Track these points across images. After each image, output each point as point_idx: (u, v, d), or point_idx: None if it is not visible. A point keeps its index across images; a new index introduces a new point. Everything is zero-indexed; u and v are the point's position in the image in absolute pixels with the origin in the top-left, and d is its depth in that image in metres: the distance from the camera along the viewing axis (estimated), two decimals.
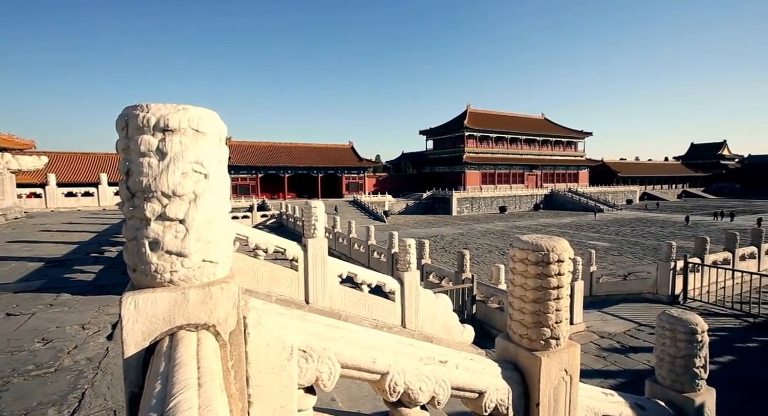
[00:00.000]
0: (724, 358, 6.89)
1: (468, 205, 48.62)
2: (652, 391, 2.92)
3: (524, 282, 1.98)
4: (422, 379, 1.66)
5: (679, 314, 2.86)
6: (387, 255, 14.57)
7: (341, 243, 19.26)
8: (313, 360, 1.43)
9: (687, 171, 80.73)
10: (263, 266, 5.33)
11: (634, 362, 6.90)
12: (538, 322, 1.96)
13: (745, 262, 12.06)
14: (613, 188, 62.85)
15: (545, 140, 64.10)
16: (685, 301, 9.91)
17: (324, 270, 5.78)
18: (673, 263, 10.07)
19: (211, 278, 1.11)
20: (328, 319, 1.66)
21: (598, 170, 69.76)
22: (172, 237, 1.00)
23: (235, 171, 46.08)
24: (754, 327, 8.34)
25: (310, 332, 1.47)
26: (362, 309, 6.08)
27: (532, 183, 60.80)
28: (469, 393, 1.84)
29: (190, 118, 1.02)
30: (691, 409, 2.66)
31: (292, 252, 5.65)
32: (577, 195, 54.35)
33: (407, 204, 48.43)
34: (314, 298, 5.70)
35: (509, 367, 1.99)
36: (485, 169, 56.91)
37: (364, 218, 38.22)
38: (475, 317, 8.84)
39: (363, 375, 1.60)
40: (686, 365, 2.75)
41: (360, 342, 1.59)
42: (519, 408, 1.93)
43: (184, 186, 1.01)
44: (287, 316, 1.46)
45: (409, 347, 1.71)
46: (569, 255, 2.01)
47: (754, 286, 10.38)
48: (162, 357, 0.89)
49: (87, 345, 4.06)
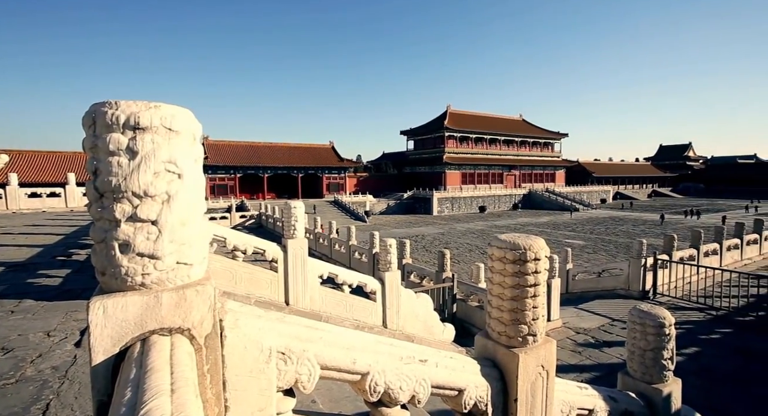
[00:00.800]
0: (690, 350, 7.22)
1: (448, 205, 49.14)
2: (624, 383, 3.03)
3: (502, 281, 2.02)
4: (402, 379, 1.67)
5: (649, 309, 2.97)
6: (368, 256, 14.56)
7: (322, 243, 19.13)
8: (293, 362, 1.41)
9: (656, 171, 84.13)
10: (242, 268, 5.23)
11: (607, 356, 7.14)
12: (516, 319, 2.00)
13: (708, 258, 12.69)
14: (587, 188, 64.84)
15: (523, 141, 65.49)
16: (655, 296, 10.33)
17: (304, 271, 5.72)
18: (643, 260, 10.48)
19: (185, 280, 1.08)
20: (308, 320, 1.64)
21: (574, 170, 71.82)
22: (144, 239, 0.96)
23: (212, 171, 45.07)
24: (716, 320, 8.78)
25: (288, 334, 1.45)
26: (343, 310, 6.06)
27: (510, 183, 62.01)
28: (449, 391, 1.86)
29: (162, 116, 0.99)
30: (659, 399, 2.77)
31: (271, 253, 5.57)
32: (554, 195, 55.77)
33: (388, 204, 48.53)
34: (294, 299, 5.63)
35: (488, 364, 2.02)
36: (465, 169, 57.66)
37: (345, 218, 38.06)
38: (456, 316, 8.95)
39: (343, 376, 1.59)
40: (655, 357, 2.87)
41: (340, 343, 1.58)
42: (498, 404, 1.96)
43: (156, 186, 0.98)
44: (265, 318, 1.44)
45: (390, 347, 1.71)
46: (545, 254, 2.06)
47: (717, 281, 10.93)
48: (133, 364, 0.86)
49: (52, 354, 3.87)
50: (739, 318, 8.78)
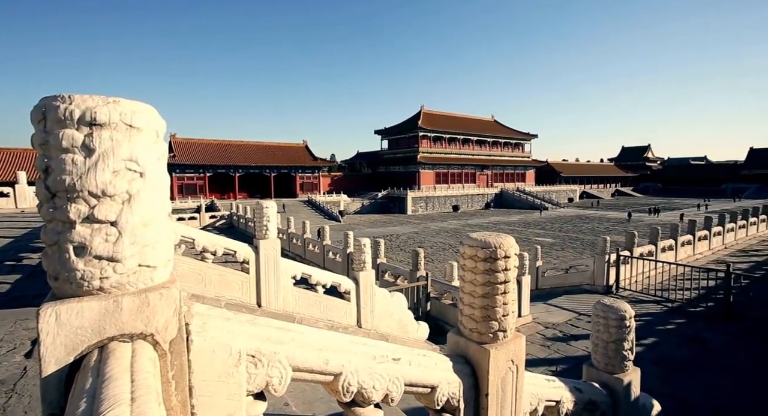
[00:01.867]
0: (648, 340, 7.63)
1: (422, 204, 49.62)
2: (588, 374, 3.16)
3: (474, 278, 2.06)
4: (376, 378, 1.67)
5: (611, 303, 3.12)
6: (342, 255, 14.48)
7: (295, 244, 18.86)
8: (263, 365, 1.39)
9: (619, 171, 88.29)
10: (211, 269, 5.07)
11: (574, 349, 7.42)
12: (487, 316, 2.04)
13: (665, 254, 13.45)
14: (556, 187, 67.18)
15: (495, 141, 67.05)
16: (618, 291, 10.83)
17: (277, 272, 5.62)
18: (607, 256, 10.97)
19: (148, 284, 1.04)
20: (279, 322, 1.62)
21: (543, 170, 74.25)
22: (102, 241, 0.92)
23: (180, 170, 43.47)
24: (671, 311, 9.32)
25: (259, 336, 1.43)
26: (317, 311, 6.00)
27: (483, 182, 63.34)
28: (422, 389, 1.88)
29: (122, 112, 0.94)
30: (620, 388, 2.91)
31: (242, 254, 5.43)
32: (524, 194, 57.45)
33: (363, 203, 48.45)
34: (267, 301, 5.52)
35: (460, 361, 2.06)
36: (439, 169, 58.39)
37: (319, 218, 37.67)
38: (430, 314, 9.05)
39: (316, 378, 1.58)
40: (617, 349, 3.01)
41: (312, 344, 1.56)
42: (469, 400, 2.00)
43: (115, 185, 0.93)
44: (235, 321, 1.40)
45: (363, 346, 1.71)
46: (515, 252, 2.11)
47: (672, 275, 11.61)
48: (89, 373, 0.81)
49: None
50: (691, 309, 9.36)
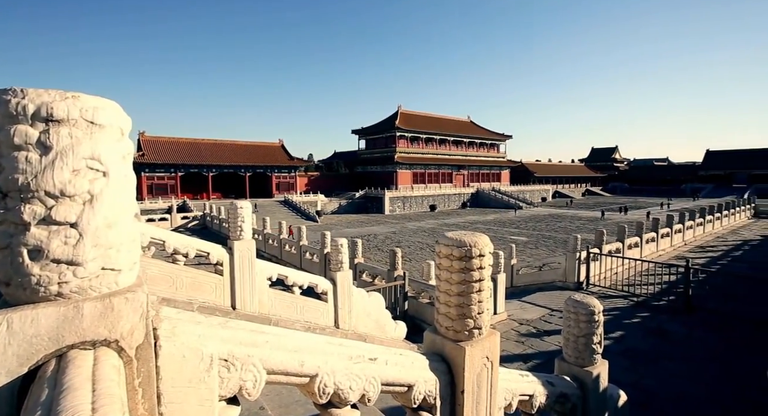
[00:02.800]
0: (616, 333, 7.97)
1: (400, 204, 49.84)
2: (560, 368, 3.26)
3: (449, 277, 2.08)
4: (352, 378, 1.66)
5: (581, 299, 3.23)
6: (319, 256, 14.36)
7: (271, 244, 18.55)
8: (236, 369, 1.36)
9: (588, 172, 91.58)
10: (183, 272, 4.92)
11: (547, 344, 7.65)
12: (463, 314, 2.07)
13: (631, 250, 14.07)
14: (530, 187, 68.99)
15: (471, 142, 68.14)
16: (588, 287, 11.24)
17: (252, 274, 5.51)
18: (578, 254, 11.36)
19: (112, 288, 0.99)
20: (253, 324, 1.58)
21: (518, 170, 76.07)
22: (61, 244, 0.87)
23: (149, 169, 41.89)
24: (637, 305, 9.76)
25: (232, 339, 1.39)
26: (294, 312, 5.92)
27: (459, 182, 64.25)
28: (399, 388, 1.88)
29: (82, 108, 0.90)
30: (589, 380, 3.02)
31: (216, 255, 5.29)
32: (500, 193, 58.67)
33: (340, 203, 48.19)
34: (241, 303, 5.40)
35: (436, 359, 2.08)
36: (416, 169, 58.80)
37: (295, 218, 37.20)
38: (407, 313, 9.10)
39: (291, 380, 1.56)
40: (587, 343, 3.12)
41: (287, 346, 1.54)
42: (446, 397, 2.02)
43: (75, 185, 0.89)
44: (206, 324, 1.37)
45: (339, 347, 1.70)
46: (489, 250, 2.15)
47: (638, 271, 12.14)
48: (45, 384, 0.77)
49: None
50: (655, 302, 9.84)
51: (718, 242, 20.50)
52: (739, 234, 23.25)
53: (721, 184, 75.02)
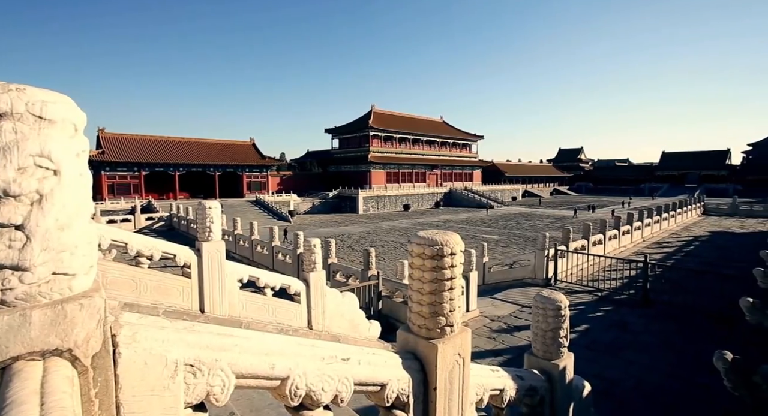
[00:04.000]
0: (581, 327, 8.31)
1: (374, 204, 49.86)
2: (529, 363, 3.36)
3: (422, 276, 2.10)
4: (324, 379, 1.65)
5: (548, 294, 3.34)
6: (292, 256, 14.15)
7: (242, 245, 18.09)
8: (203, 374, 1.31)
9: (556, 172, 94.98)
10: (148, 275, 4.71)
11: (518, 340, 7.88)
12: (435, 312, 2.09)
13: (595, 247, 14.71)
14: (501, 187, 70.73)
15: (444, 142, 69.10)
16: (556, 283, 11.66)
17: (221, 276, 5.35)
18: (546, 251, 11.76)
19: (65, 294, 0.93)
20: (222, 328, 1.54)
21: (489, 170, 77.82)
22: (4, 248, 0.81)
23: (110, 168, 39.86)
24: (601, 300, 10.22)
25: (199, 344, 1.35)
26: (266, 314, 5.80)
27: (433, 182, 65.01)
28: (372, 387, 1.88)
29: (29, 102, 0.84)
30: (556, 373, 3.13)
31: (183, 257, 5.10)
32: (472, 193, 59.81)
33: (313, 203, 47.66)
34: (211, 306, 5.24)
35: (409, 357, 2.09)
36: (390, 168, 59.00)
37: (267, 219, 36.46)
38: (382, 312, 9.13)
39: (262, 383, 1.52)
40: (554, 337, 3.23)
41: (257, 349, 1.51)
42: (418, 395, 2.04)
43: (22, 184, 0.83)
44: (171, 329, 1.32)
45: (311, 348, 1.68)
46: (461, 249, 2.19)
47: (602, 266, 12.72)
48: None
49: None
50: (617, 296, 10.35)
51: (673, 238, 21.81)
52: (691, 231, 24.83)
53: (676, 183, 79.81)
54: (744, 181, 71.75)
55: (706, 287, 9.50)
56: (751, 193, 61.36)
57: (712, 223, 29.21)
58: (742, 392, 2.87)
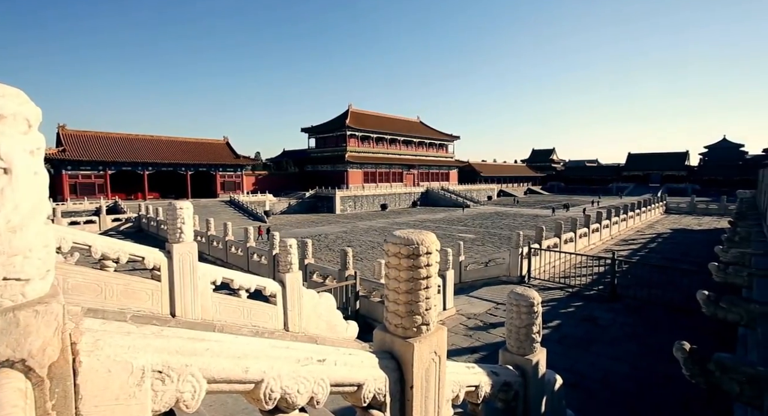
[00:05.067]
0: (553, 322, 8.57)
1: (351, 203, 49.68)
2: (504, 358, 3.43)
3: (398, 275, 2.11)
4: (300, 381, 1.63)
5: (522, 291, 3.42)
6: (268, 257, 13.90)
7: (216, 247, 17.61)
8: (172, 381, 1.27)
9: (530, 172, 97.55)
10: (114, 279, 4.50)
11: (493, 336, 8.03)
12: (411, 311, 2.10)
13: (567, 245, 15.19)
14: (476, 186, 71.95)
15: (421, 141, 69.64)
16: (529, 280, 11.97)
17: (194, 278, 5.19)
18: (521, 249, 12.05)
19: (18, 300, 0.88)
20: (192, 332, 1.49)
21: (465, 170, 79.02)
22: None
23: (73, 166, 37.89)
24: (572, 296, 10.57)
25: (168, 349, 1.30)
26: (240, 317, 5.67)
27: (410, 181, 65.40)
28: (349, 388, 1.87)
29: None
30: (530, 368, 3.22)
31: (152, 259, 4.91)
32: (448, 192, 60.55)
33: (289, 203, 46.98)
34: (182, 310, 5.07)
35: (386, 357, 2.09)
36: (367, 168, 58.93)
37: (242, 219, 35.67)
38: (359, 312, 9.10)
39: (235, 388, 1.49)
40: (527, 333, 3.32)
41: (230, 352, 1.47)
42: (395, 393, 2.05)
43: None
44: (137, 334, 1.26)
45: (286, 350, 1.65)
46: (436, 248, 2.21)
47: (573, 263, 13.16)
48: None
49: None
50: (587, 292, 10.74)
51: (638, 236, 22.84)
52: (654, 229, 26.08)
53: (640, 183, 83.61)
54: (701, 180, 76.03)
55: (668, 281, 10.00)
56: (707, 192, 65.01)
57: (673, 221, 30.80)
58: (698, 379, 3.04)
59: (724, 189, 60.49)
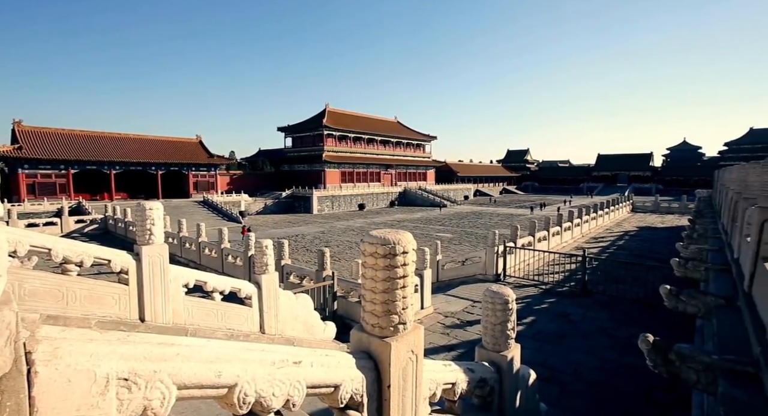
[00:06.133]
0: (528, 319, 8.79)
1: (328, 203, 49.31)
2: (480, 355, 3.49)
3: (374, 275, 2.10)
4: (275, 384, 1.60)
5: (497, 289, 3.49)
6: (243, 259, 13.60)
7: (188, 248, 17.08)
8: (140, 388, 1.21)
9: (505, 172, 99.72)
10: (77, 283, 4.28)
11: (470, 334, 8.16)
12: (388, 310, 2.10)
13: (541, 243, 15.62)
14: (453, 186, 72.91)
15: (398, 142, 69.93)
16: (505, 278, 12.23)
17: (164, 281, 5.01)
18: (496, 248, 12.29)
19: None
20: (162, 337, 1.44)
21: (442, 170, 79.94)
22: None
23: (30, 165, 35.85)
24: (545, 292, 10.88)
25: (134, 355, 1.25)
26: (214, 320, 5.52)
27: (387, 181, 65.55)
28: (326, 389, 1.85)
29: None
30: (504, 364, 3.28)
31: (120, 263, 4.70)
32: (426, 192, 61.06)
33: (266, 203, 46.15)
34: (152, 315, 4.88)
35: (363, 357, 2.08)
36: (344, 168, 58.66)
37: (216, 220, 34.75)
38: (337, 313, 9.05)
39: (207, 393, 1.44)
40: (502, 329, 3.38)
41: (202, 357, 1.43)
42: (372, 393, 2.04)
43: None
44: (101, 341, 1.20)
45: (260, 353, 1.62)
46: (413, 247, 2.22)
47: (547, 261, 13.54)
48: None
49: None
50: (560, 289, 11.08)
51: (607, 233, 23.78)
52: (622, 227, 27.22)
53: (609, 183, 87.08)
54: (664, 181, 79.97)
55: (635, 277, 10.45)
56: (669, 192, 68.44)
57: (639, 219, 32.23)
58: (661, 369, 3.20)
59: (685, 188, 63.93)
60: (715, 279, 6.18)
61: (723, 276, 6.20)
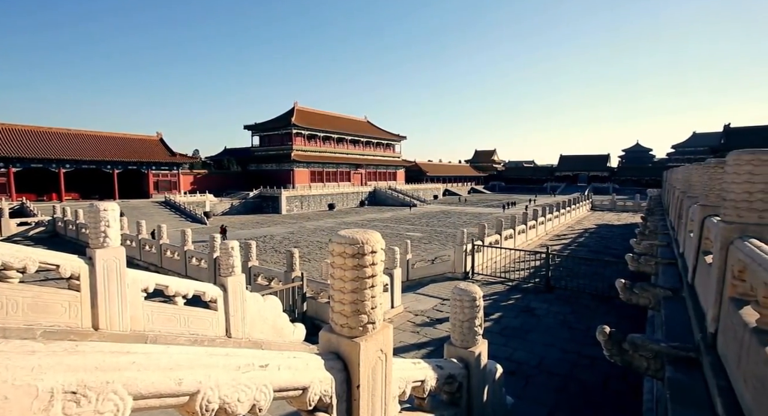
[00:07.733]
0: (495, 315, 9.04)
1: (297, 204, 48.53)
2: (448, 352, 3.55)
3: (343, 275, 2.09)
4: (240, 389, 1.55)
5: (465, 287, 3.57)
6: (208, 261, 13.12)
7: (148, 251, 16.27)
8: (90, 401, 1.14)
9: (473, 172, 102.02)
10: (19, 291, 3.96)
11: (439, 332, 8.28)
12: (357, 310, 2.10)
13: (507, 241, 16.10)
14: (423, 186, 73.75)
15: (368, 141, 69.87)
16: (473, 276, 12.51)
17: (121, 286, 4.74)
18: (464, 246, 12.54)
19: None
20: (116, 345, 1.36)
21: (412, 170, 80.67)
22: None
23: None
24: (512, 289, 11.24)
25: (84, 366, 1.17)
26: (177, 325, 5.28)
27: (357, 181, 65.34)
28: (294, 392, 1.82)
29: None
30: (472, 359, 3.36)
31: (69, 268, 4.40)
32: (396, 192, 61.39)
33: (232, 203, 44.77)
34: (108, 322, 4.61)
35: (332, 357, 2.07)
36: (314, 167, 57.93)
37: (179, 221, 33.33)
38: (307, 314, 8.92)
39: (167, 402, 1.38)
40: (470, 326, 3.46)
41: (160, 364, 1.36)
42: (342, 394, 2.03)
43: None
44: (44, 353, 1.12)
45: (224, 357, 1.56)
46: (381, 247, 2.22)
47: (513, 259, 13.98)
48: None
49: None
50: (525, 285, 11.47)
51: (569, 231, 24.89)
52: (582, 224, 28.60)
53: (571, 183, 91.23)
54: (620, 180, 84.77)
55: (594, 272, 11.00)
56: (625, 191, 72.57)
57: (597, 217, 33.97)
58: (616, 358, 3.39)
59: (638, 188, 68.11)
60: (664, 272, 6.62)
61: (670, 269, 6.66)
